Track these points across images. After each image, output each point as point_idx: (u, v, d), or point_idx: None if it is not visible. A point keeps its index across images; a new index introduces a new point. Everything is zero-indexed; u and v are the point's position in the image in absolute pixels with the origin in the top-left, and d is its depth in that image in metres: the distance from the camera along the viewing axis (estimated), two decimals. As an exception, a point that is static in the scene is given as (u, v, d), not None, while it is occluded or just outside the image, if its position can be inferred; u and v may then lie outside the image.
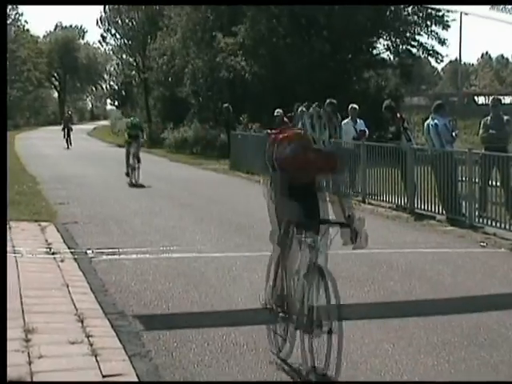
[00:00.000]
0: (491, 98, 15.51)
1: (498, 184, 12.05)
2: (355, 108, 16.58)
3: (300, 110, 18.68)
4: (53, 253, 9.10)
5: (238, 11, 30.83)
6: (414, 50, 33.12)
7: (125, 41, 49.16)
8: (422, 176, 13.38)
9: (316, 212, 5.40)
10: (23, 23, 73.30)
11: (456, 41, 52.05)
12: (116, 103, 53.80)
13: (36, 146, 35.98)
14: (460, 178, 12.42)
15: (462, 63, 64.51)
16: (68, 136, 36.64)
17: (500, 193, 11.97)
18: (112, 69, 60.98)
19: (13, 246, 9.19)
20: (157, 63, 37.16)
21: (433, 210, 12.90)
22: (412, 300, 7.38)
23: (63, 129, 37.52)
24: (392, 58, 33.74)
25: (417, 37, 32.85)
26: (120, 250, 9.55)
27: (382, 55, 33.67)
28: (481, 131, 13.39)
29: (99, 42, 55.70)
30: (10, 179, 12.86)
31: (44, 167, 22.62)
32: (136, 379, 5.01)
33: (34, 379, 4.87)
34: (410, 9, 32.25)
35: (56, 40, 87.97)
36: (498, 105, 13.70)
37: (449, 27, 32.49)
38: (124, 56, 50.74)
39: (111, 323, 6.28)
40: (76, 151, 32.61)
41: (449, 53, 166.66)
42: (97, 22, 50.35)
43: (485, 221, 11.77)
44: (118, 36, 49.74)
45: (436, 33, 32.44)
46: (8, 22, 58.42)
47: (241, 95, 30.94)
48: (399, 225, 12.42)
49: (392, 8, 31.75)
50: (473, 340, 6.03)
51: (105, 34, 51.13)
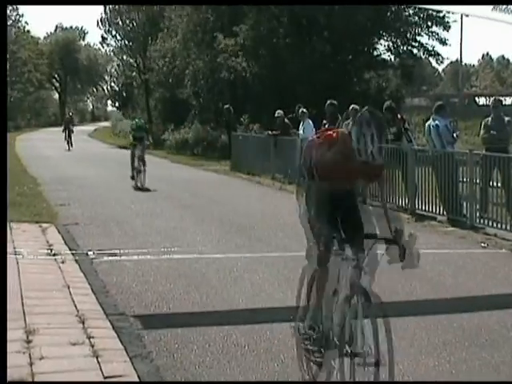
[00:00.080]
0: (492, 99, 15.51)
1: (499, 185, 12.05)
2: (356, 109, 16.48)
3: (301, 111, 18.75)
4: (54, 254, 9.09)
5: (239, 12, 30.83)
6: (415, 51, 33.15)
7: (125, 42, 49.29)
8: (423, 177, 13.38)
9: (359, 225, 4.84)
10: (24, 24, 73.55)
11: (457, 42, 51.97)
12: (117, 104, 53.80)
13: (37, 148, 35.95)
14: (461, 179, 12.42)
15: (463, 64, 64.42)
16: (69, 137, 36.54)
17: (501, 194, 11.98)
18: (113, 70, 61.09)
19: (14, 248, 9.19)
20: (157, 64, 37.18)
21: (434, 211, 12.89)
22: (413, 300, 7.38)
23: (64, 130, 37.38)
24: (393, 59, 33.78)
25: (417, 37, 32.91)
26: (121, 252, 9.54)
27: (383, 56, 33.73)
28: (482, 132, 13.39)
29: (100, 43, 55.99)
30: (11, 180, 12.88)
31: (45, 168, 22.60)
32: (137, 380, 5.01)
33: (35, 380, 4.86)
34: (412, 10, 32.26)
35: (57, 41, 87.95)
36: (499, 106, 13.71)
37: (449, 27, 32.56)
38: (125, 57, 50.83)
39: (112, 324, 6.27)
40: (77, 153, 32.59)
41: (449, 54, 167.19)
42: (97, 23, 50.59)
43: (486, 222, 11.77)
44: (119, 37, 49.93)
45: (437, 33, 32.50)
46: (8, 24, 58.42)
47: (241, 96, 30.94)
48: (400, 226, 12.38)
49: (393, 8, 31.77)
50: (474, 341, 6.03)
51: (105, 35, 51.35)
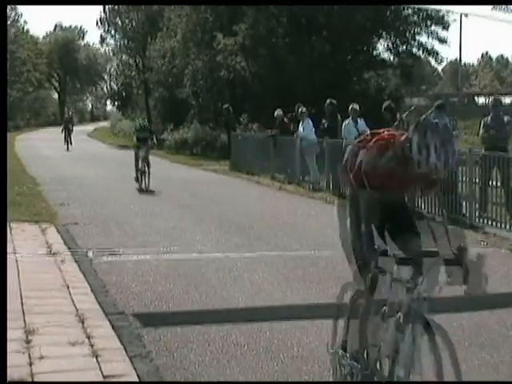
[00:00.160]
0: (491, 99, 15.51)
1: (499, 184, 12.06)
2: (356, 109, 16.55)
3: (300, 111, 18.71)
4: (53, 254, 9.08)
5: (238, 11, 30.84)
6: (414, 50, 33.15)
7: (125, 42, 49.24)
8: (422, 176, 13.36)
9: (417, 242, 4.30)
10: (23, 24, 73.64)
11: (456, 41, 52.09)
12: (116, 104, 53.78)
13: (36, 147, 35.94)
14: (460, 178, 12.42)
15: (462, 63, 64.51)
16: (68, 137, 36.52)
17: (500, 193, 11.98)
18: (112, 70, 60.96)
19: (13, 247, 9.20)
20: (157, 64, 37.19)
21: (432, 211, 12.87)
22: (412, 300, 7.36)
23: (63, 130, 37.33)
24: (392, 59, 33.78)
25: (417, 37, 32.93)
26: (120, 251, 9.55)
27: (382, 55, 33.75)
28: (481, 131, 13.39)
29: (99, 43, 55.94)
30: (11, 180, 12.89)
31: (44, 168, 22.59)
32: (137, 380, 5.01)
33: (35, 380, 4.86)
34: (411, 10, 32.27)
35: (56, 41, 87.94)
36: (499, 105, 13.71)
37: (449, 26, 32.61)
38: (124, 57, 50.76)
39: (112, 324, 6.26)
40: (76, 152, 32.57)
41: (449, 53, 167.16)
42: (96, 23, 50.61)
43: (485, 221, 11.78)
44: (118, 37, 49.87)
45: (436, 32, 32.52)
46: (8, 23, 58.39)
47: (241, 95, 30.97)
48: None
49: (392, 8, 31.77)
50: (473, 340, 6.03)
51: (104, 35, 51.31)
